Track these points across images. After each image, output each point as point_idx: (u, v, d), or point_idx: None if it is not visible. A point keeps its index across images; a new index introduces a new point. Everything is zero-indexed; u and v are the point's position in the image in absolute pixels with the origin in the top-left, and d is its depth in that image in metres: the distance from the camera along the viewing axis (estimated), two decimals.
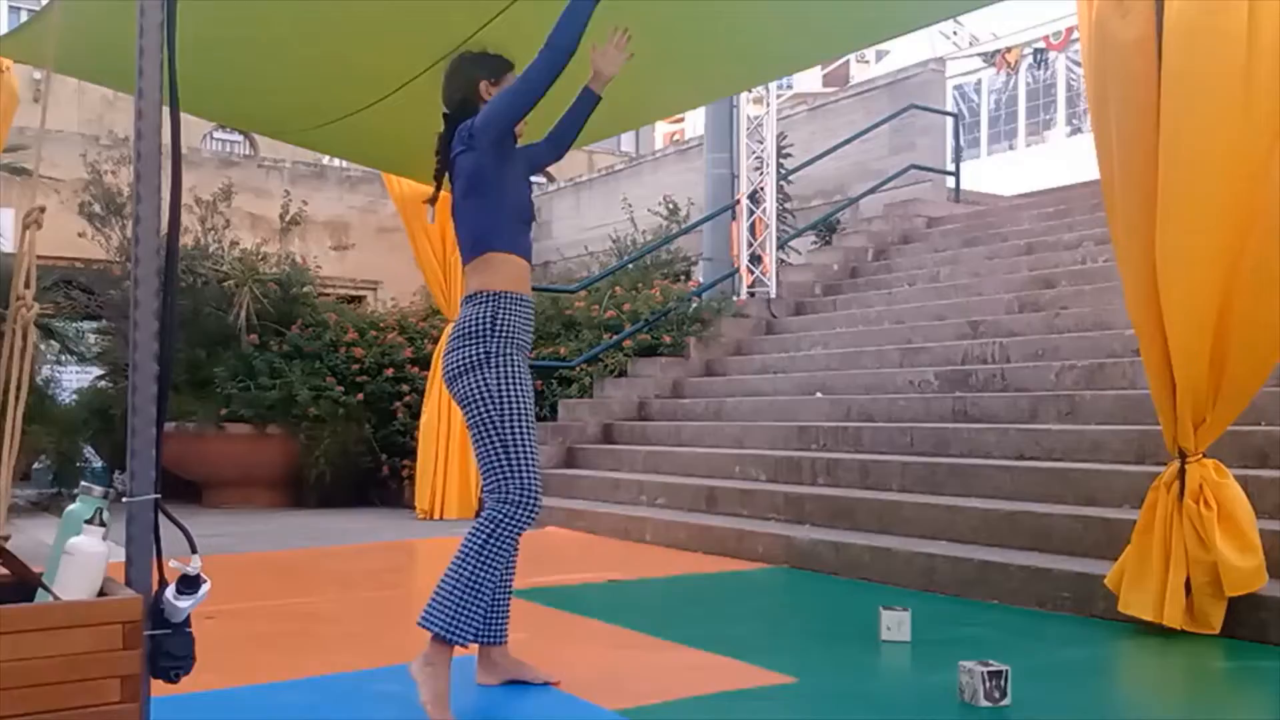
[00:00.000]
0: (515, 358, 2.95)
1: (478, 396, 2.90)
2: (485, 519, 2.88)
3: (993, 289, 8.14)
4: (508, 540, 2.87)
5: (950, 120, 12.21)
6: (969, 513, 5.01)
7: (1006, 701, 2.85)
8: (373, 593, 4.86)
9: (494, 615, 3.09)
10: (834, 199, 11.71)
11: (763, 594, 4.88)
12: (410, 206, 7.84)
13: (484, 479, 2.95)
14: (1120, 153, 3.74)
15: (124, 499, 2.15)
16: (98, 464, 10.15)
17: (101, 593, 2.06)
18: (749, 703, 2.98)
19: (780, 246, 10.34)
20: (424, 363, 8.64)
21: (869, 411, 6.87)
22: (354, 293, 13.76)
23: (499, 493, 2.88)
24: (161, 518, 2.17)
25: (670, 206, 12.05)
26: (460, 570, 2.83)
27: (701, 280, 10.60)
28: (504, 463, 2.88)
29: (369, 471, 9.05)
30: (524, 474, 2.87)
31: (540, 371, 9.25)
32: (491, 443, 2.89)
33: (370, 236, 14.39)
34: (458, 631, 2.80)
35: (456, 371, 2.94)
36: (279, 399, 8.70)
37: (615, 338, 9.08)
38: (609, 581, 5.00)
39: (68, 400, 10.21)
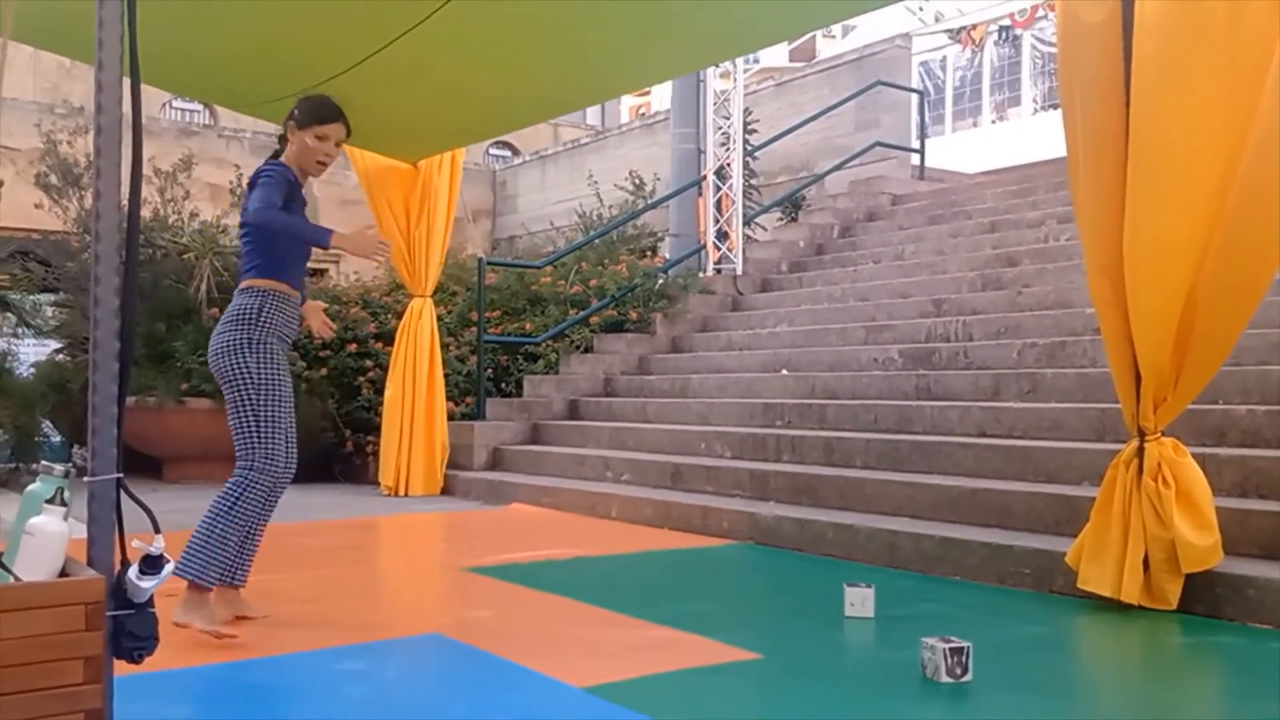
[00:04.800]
0: (274, 345, 3.48)
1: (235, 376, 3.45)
2: (233, 482, 3.41)
3: (956, 267, 8.20)
4: (252, 500, 3.42)
5: (915, 97, 12.26)
6: (931, 489, 5.06)
7: (968, 677, 2.89)
8: (336, 570, 4.83)
9: (239, 561, 3.56)
10: (800, 175, 11.72)
11: (728, 570, 4.91)
12: (374, 179, 7.75)
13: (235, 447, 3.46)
14: (1086, 132, 3.76)
15: (85, 478, 2.12)
16: (56, 439, 10.00)
17: (63, 573, 2.03)
18: (715, 679, 3.00)
19: (746, 223, 10.35)
20: (388, 338, 8.56)
21: (833, 389, 6.92)
22: (316, 266, 13.58)
23: (245, 459, 3.41)
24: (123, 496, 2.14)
25: (636, 181, 12.00)
26: (210, 525, 3.39)
27: (668, 256, 10.58)
28: (253, 433, 3.41)
29: (333, 447, 8.96)
30: (268, 443, 3.42)
31: (506, 348, 9.21)
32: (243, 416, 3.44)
33: (333, 209, 14.17)
34: (207, 577, 3.37)
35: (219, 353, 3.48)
36: None
37: (581, 313, 9.05)
38: (575, 558, 5.01)
39: (25, 374, 10.03)
